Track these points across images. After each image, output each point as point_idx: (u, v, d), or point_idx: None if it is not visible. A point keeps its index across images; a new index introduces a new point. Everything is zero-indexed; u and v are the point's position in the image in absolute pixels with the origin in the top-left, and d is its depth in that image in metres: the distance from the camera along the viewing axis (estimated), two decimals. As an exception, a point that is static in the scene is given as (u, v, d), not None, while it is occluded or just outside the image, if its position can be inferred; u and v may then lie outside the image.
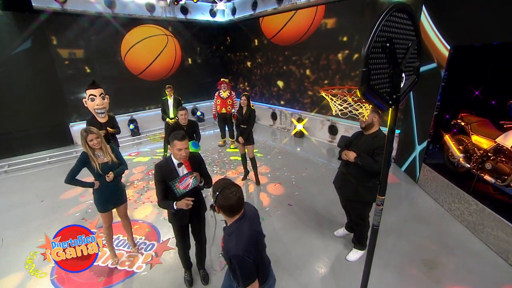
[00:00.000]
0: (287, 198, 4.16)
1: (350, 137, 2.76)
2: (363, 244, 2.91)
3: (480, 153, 3.36)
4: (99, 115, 3.90)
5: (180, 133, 2.07)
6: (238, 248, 1.42)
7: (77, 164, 2.50)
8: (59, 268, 2.82)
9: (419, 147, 4.42)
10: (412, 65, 1.46)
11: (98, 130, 2.53)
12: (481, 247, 3.03)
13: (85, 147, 2.46)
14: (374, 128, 2.51)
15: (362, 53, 1.08)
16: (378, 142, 2.41)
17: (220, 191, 1.48)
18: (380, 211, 1.55)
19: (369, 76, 1.11)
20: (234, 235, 1.48)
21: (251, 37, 8.33)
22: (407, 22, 1.29)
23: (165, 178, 2.12)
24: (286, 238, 3.28)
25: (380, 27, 1.08)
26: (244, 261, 1.42)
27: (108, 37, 6.93)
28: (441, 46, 3.78)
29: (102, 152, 2.57)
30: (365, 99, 1.15)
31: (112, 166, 2.62)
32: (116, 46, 7.14)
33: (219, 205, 1.50)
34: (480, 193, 3.28)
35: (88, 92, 3.82)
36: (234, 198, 1.47)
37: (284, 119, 7.98)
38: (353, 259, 2.89)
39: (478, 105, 3.68)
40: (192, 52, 8.71)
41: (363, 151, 2.50)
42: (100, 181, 2.59)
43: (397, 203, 3.97)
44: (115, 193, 2.74)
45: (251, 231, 1.52)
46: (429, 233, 3.31)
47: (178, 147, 2.06)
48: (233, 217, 1.53)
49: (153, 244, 3.25)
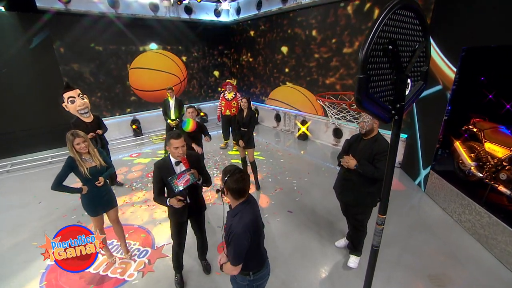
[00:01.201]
0: (288, 205, 4.01)
1: (350, 139, 2.66)
2: (359, 250, 2.84)
3: (494, 162, 3.14)
4: (83, 116, 3.86)
5: (175, 132, 2.15)
6: (239, 226, 1.52)
7: (63, 169, 2.40)
8: (48, 275, 2.78)
9: (424, 172, 4.28)
10: (419, 70, 1.31)
11: (85, 134, 2.45)
12: (494, 263, 2.82)
13: (72, 151, 2.37)
14: (374, 133, 2.41)
15: (360, 58, 0.93)
16: (378, 147, 2.31)
17: (230, 174, 1.57)
18: (381, 231, 1.40)
19: (367, 83, 0.96)
20: (238, 216, 1.57)
21: (256, 37, 8.20)
22: (413, 21, 1.13)
23: (163, 177, 2.17)
24: (284, 247, 3.13)
25: (381, 27, 0.94)
26: (241, 239, 1.52)
27: (111, 37, 6.91)
28: (447, 69, 3.72)
29: (90, 156, 2.49)
30: (363, 110, 1.00)
31: (100, 170, 2.54)
32: (119, 45, 7.11)
33: (228, 187, 1.58)
34: (493, 205, 3.06)
35: (66, 95, 3.77)
36: (242, 181, 1.57)
37: (288, 121, 7.82)
38: (354, 265, 2.83)
39: (492, 110, 3.45)
40: (195, 52, 8.62)
41: (363, 157, 2.39)
42: (88, 186, 2.51)
43: (403, 212, 3.78)
44: (104, 197, 2.65)
45: (253, 215, 1.62)
46: (436, 245, 3.11)
47: (174, 146, 2.12)
48: (238, 199, 1.63)
49: (147, 250, 3.15)
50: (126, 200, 4.23)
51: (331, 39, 6.18)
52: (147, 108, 7.97)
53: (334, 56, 6.25)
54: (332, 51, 6.27)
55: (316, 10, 6.30)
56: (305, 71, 7.08)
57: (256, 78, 8.72)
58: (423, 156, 4.40)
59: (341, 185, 2.68)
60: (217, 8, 8.38)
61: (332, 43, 6.20)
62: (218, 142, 6.72)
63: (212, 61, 9.11)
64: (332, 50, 6.26)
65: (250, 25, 8.30)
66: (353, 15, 5.65)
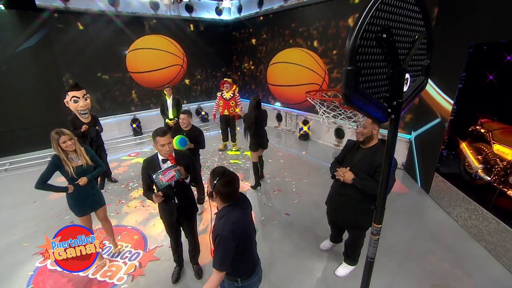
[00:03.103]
0: (285, 207, 3.88)
1: (344, 149, 2.41)
2: (355, 260, 2.67)
3: (503, 165, 2.97)
4: (82, 116, 3.92)
5: (161, 129, 2.15)
6: (225, 229, 1.46)
7: (48, 168, 2.35)
8: (36, 278, 2.71)
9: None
10: (420, 63, 1.17)
11: (71, 132, 2.39)
12: (502, 273, 2.65)
13: (57, 150, 2.31)
14: (374, 141, 2.16)
15: (347, 47, 0.81)
16: (381, 159, 1.99)
17: (220, 177, 1.52)
18: (376, 242, 1.27)
19: (356, 76, 0.84)
20: (224, 218, 1.52)
21: (257, 36, 8.09)
22: (412, 7, 1.00)
23: (149, 173, 2.17)
24: (279, 251, 3.01)
25: (372, 12, 0.81)
26: (227, 242, 1.45)
27: (111, 35, 6.85)
28: (445, 102, 3.73)
29: (76, 155, 2.43)
30: (352, 107, 0.88)
31: (87, 169, 2.48)
32: (119, 44, 7.05)
33: (217, 191, 1.53)
34: (502, 210, 2.88)
35: (70, 94, 3.79)
36: (232, 184, 1.53)
37: (289, 121, 7.68)
38: (342, 274, 2.64)
39: (501, 110, 3.28)
40: (196, 51, 8.53)
41: (361, 169, 2.13)
42: (74, 185, 2.45)
43: (405, 216, 3.62)
44: (91, 197, 2.59)
45: (240, 218, 1.55)
46: (440, 252, 2.95)
47: (161, 143, 2.11)
48: (226, 202, 1.58)
49: (139, 252, 3.06)
50: (121, 201, 4.15)
51: (332, 50, 6.16)
52: (148, 107, 7.90)
53: (335, 68, 6.19)
54: (333, 63, 6.22)
55: (318, 22, 6.26)
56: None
57: (258, 86, 8.64)
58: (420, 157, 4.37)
59: (335, 201, 2.39)
60: (219, 6, 8.28)
61: (333, 54, 6.17)
62: (218, 142, 6.62)
63: (216, 82, 9.15)
64: (333, 61, 6.21)
65: (252, 33, 8.29)
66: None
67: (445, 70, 3.73)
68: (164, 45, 7.53)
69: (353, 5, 5.51)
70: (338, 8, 5.79)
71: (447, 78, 3.72)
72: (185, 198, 2.37)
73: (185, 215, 2.42)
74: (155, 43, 7.41)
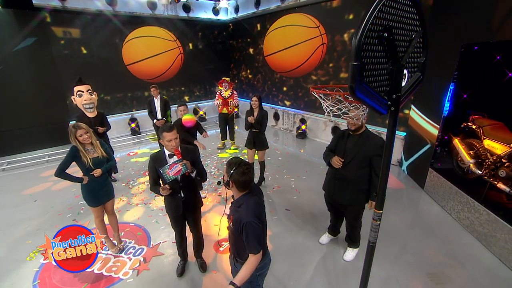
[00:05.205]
0: (285, 203, 3.98)
1: (334, 138, 2.63)
2: (357, 242, 2.86)
3: (493, 159, 3.11)
4: (87, 110, 3.99)
5: (167, 125, 2.20)
6: (249, 215, 1.54)
7: (66, 158, 2.48)
8: (42, 273, 2.74)
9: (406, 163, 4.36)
10: (416, 61, 1.27)
11: (87, 126, 2.52)
12: (493, 262, 2.79)
13: (75, 142, 2.45)
14: (362, 129, 2.40)
15: (353, 44, 0.90)
16: (375, 144, 2.29)
17: (236, 167, 1.59)
18: (377, 227, 1.37)
19: (361, 71, 0.93)
20: (243, 206, 1.59)
21: (255, 36, 8.17)
22: (409, 9, 1.10)
23: (157, 168, 2.23)
24: (281, 245, 3.10)
25: (375, 13, 0.90)
26: (256, 226, 1.54)
27: (109, 35, 6.86)
28: (432, 128, 4.05)
29: (92, 147, 2.57)
30: (357, 100, 0.97)
31: (102, 161, 2.63)
32: (117, 44, 7.06)
33: (234, 180, 1.59)
34: (492, 203, 3.03)
35: (75, 89, 3.89)
36: (248, 174, 1.59)
37: (287, 120, 7.79)
38: (350, 258, 2.84)
39: (491, 107, 3.42)
40: (193, 50, 8.58)
41: (355, 158, 2.37)
42: (89, 176, 2.58)
43: (401, 209, 3.74)
44: (104, 188, 2.73)
45: (258, 203, 1.65)
46: (435, 243, 3.08)
47: (168, 138, 2.17)
48: (242, 191, 1.65)
49: (143, 248, 3.11)
50: (122, 198, 4.19)
51: (328, 63, 6.33)
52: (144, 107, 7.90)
53: (331, 80, 6.35)
54: (329, 75, 6.39)
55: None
56: (303, 92, 7.21)
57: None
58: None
59: (333, 185, 2.62)
60: (216, 6, 8.34)
61: (329, 67, 6.34)
62: (216, 141, 6.68)
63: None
64: (329, 73, 6.38)
65: (249, 43, 8.42)
66: (348, 41, 5.76)
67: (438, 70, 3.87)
68: (155, 32, 7.49)
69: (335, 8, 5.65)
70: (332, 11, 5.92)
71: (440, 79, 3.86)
72: (191, 192, 2.44)
73: (191, 209, 2.50)
74: (145, 31, 7.36)
